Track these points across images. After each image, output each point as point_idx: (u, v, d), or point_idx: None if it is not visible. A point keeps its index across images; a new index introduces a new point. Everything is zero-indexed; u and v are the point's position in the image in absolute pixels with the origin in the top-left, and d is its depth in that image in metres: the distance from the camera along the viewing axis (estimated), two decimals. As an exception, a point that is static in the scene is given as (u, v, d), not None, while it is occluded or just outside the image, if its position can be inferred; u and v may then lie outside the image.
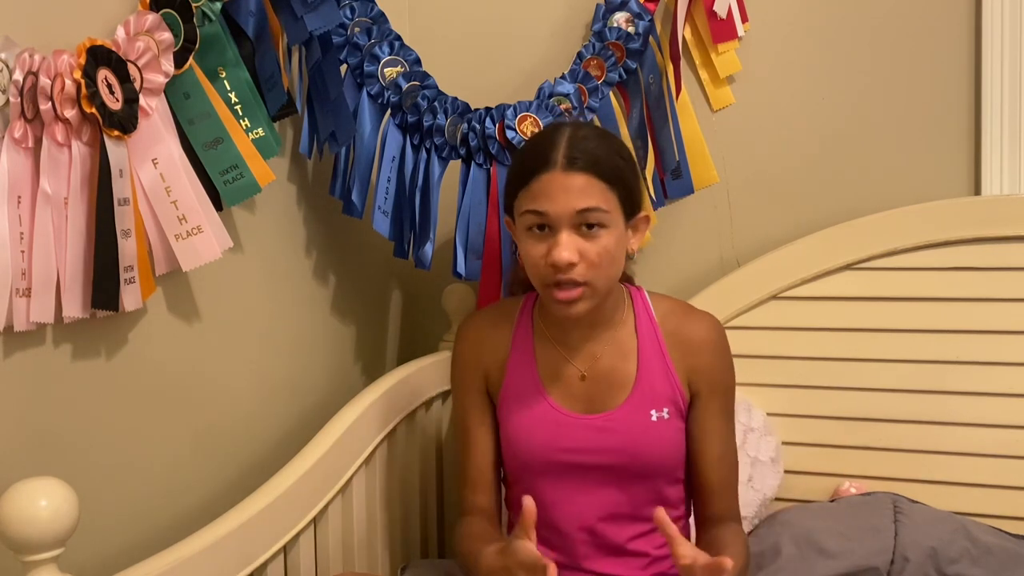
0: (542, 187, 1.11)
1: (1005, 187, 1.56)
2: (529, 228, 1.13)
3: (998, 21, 1.54)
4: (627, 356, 1.20)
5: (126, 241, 1.06)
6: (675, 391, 1.19)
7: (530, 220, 1.12)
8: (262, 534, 1.10)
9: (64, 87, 1.00)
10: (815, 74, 1.66)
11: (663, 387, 1.19)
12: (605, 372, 1.20)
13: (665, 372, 1.19)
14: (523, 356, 1.23)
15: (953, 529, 1.40)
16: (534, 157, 1.13)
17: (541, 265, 1.12)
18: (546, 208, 1.10)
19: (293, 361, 1.51)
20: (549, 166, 1.11)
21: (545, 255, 1.11)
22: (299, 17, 1.29)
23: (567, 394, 1.20)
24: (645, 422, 1.17)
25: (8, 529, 0.81)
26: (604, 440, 1.17)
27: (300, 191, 1.53)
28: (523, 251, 1.14)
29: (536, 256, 1.12)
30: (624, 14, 1.63)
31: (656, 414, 1.18)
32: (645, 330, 1.21)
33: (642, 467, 1.17)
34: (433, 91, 1.55)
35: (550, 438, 1.18)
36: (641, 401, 1.18)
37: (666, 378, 1.19)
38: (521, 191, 1.13)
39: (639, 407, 1.18)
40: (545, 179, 1.11)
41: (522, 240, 1.14)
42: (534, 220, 1.12)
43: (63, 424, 1.06)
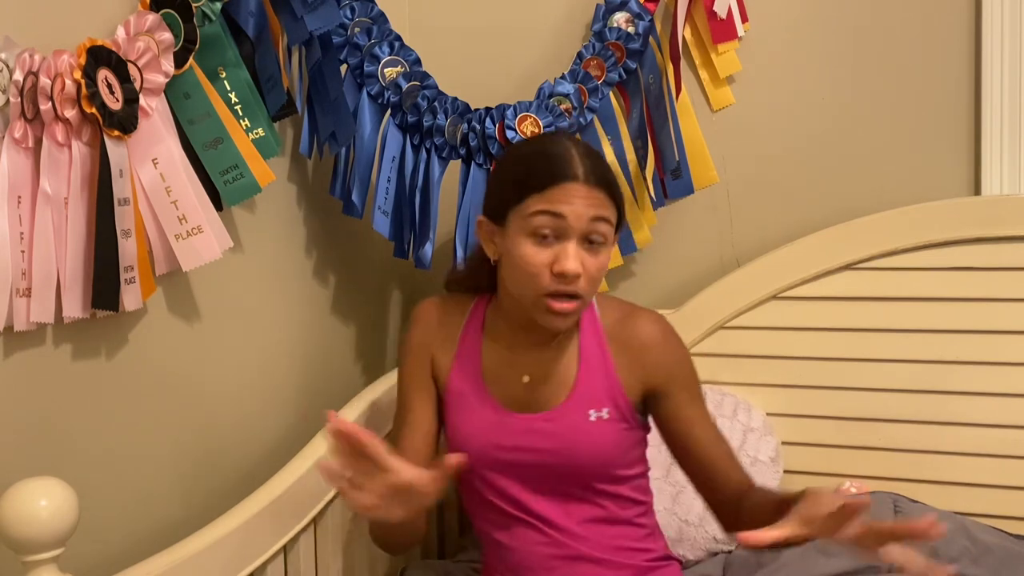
0: (563, 194, 1.09)
1: (1005, 187, 1.56)
2: (535, 232, 1.09)
3: (998, 21, 1.54)
4: (570, 359, 1.19)
5: (126, 241, 1.06)
6: (615, 392, 1.17)
7: (541, 222, 1.09)
8: (262, 534, 1.10)
9: (64, 87, 1.00)
10: (815, 74, 1.66)
11: (603, 387, 1.18)
12: (546, 375, 1.19)
13: (605, 373, 1.18)
14: (470, 354, 1.22)
15: (953, 529, 1.40)
16: (551, 167, 1.11)
17: (543, 273, 1.09)
18: (565, 212, 1.08)
19: (293, 361, 1.51)
20: (571, 177, 1.09)
21: (550, 263, 1.09)
22: (299, 17, 1.29)
23: (508, 394, 1.19)
24: (583, 422, 1.17)
25: (8, 529, 0.81)
26: (541, 439, 1.17)
27: (300, 191, 1.53)
28: (519, 255, 1.10)
29: (538, 263, 1.09)
30: (624, 14, 1.63)
31: (595, 414, 1.17)
32: (588, 333, 1.20)
33: (578, 466, 1.17)
34: (433, 91, 1.55)
35: (490, 436, 1.18)
36: (579, 401, 1.17)
37: (606, 379, 1.18)
38: (533, 195, 1.10)
39: (577, 407, 1.17)
40: (568, 187, 1.09)
41: (519, 244, 1.10)
42: (547, 222, 1.09)
43: (63, 424, 1.06)
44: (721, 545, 1.47)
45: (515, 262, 1.11)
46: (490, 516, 1.21)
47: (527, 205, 1.10)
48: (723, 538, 1.47)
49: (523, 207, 1.10)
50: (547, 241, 1.09)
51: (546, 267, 1.09)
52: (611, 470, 1.18)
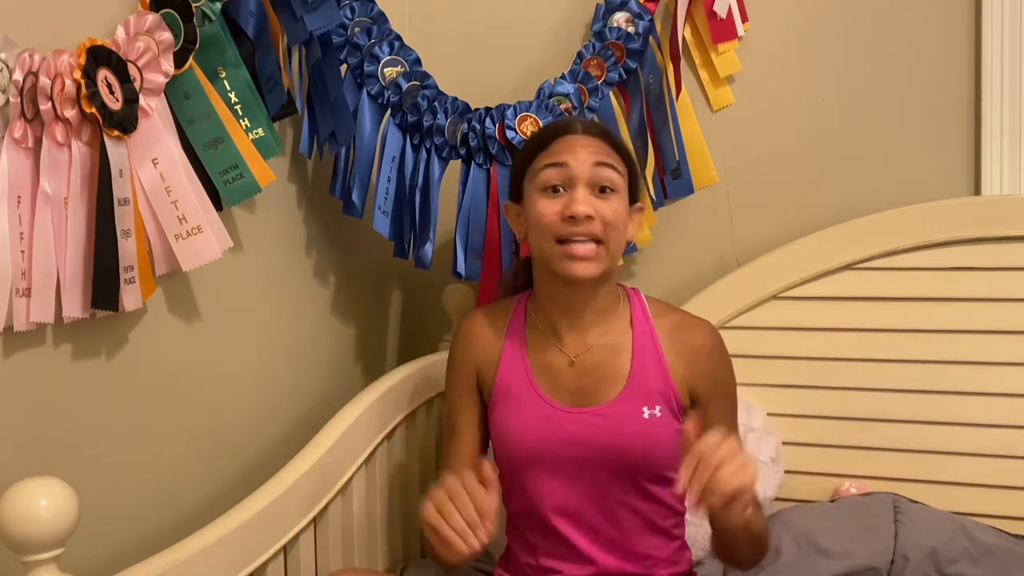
0: (563, 146, 1.16)
1: (1005, 187, 1.56)
2: (544, 188, 1.15)
3: (998, 21, 1.54)
4: (621, 351, 1.20)
5: (126, 241, 1.06)
6: (669, 390, 1.18)
7: (548, 175, 1.15)
8: (262, 534, 1.10)
9: (64, 87, 1.00)
10: (815, 74, 1.66)
11: (657, 385, 1.18)
12: (596, 363, 1.19)
13: (660, 370, 1.19)
14: (515, 351, 1.23)
15: (953, 529, 1.40)
16: (551, 128, 1.19)
17: (555, 221, 1.13)
18: (566, 159, 1.14)
19: (293, 361, 1.51)
20: (569, 131, 1.17)
21: (560, 211, 1.13)
22: (299, 17, 1.29)
23: (557, 386, 1.19)
24: (637, 418, 1.16)
25: (8, 529, 0.81)
26: (594, 433, 1.16)
27: (300, 191, 1.53)
28: (535, 213, 1.15)
29: (550, 213, 1.14)
30: (624, 14, 1.63)
31: (648, 411, 1.17)
32: (641, 327, 1.21)
33: (630, 463, 1.16)
34: (433, 91, 1.55)
35: (541, 432, 1.17)
36: (633, 397, 1.17)
37: (660, 376, 1.19)
38: (539, 154, 1.17)
39: (631, 403, 1.17)
40: (568, 139, 1.16)
41: (533, 203, 1.16)
42: (552, 175, 1.15)
43: (63, 424, 1.06)
44: (721, 545, 1.47)
45: (532, 221, 1.17)
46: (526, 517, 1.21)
47: (536, 164, 1.17)
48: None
49: (532, 168, 1.18)
50: (557, 193, 1.15)
51: (558, 215, 1.14)
52: (661, 470, 1.18)
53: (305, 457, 1.21)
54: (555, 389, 1.19)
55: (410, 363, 1.56)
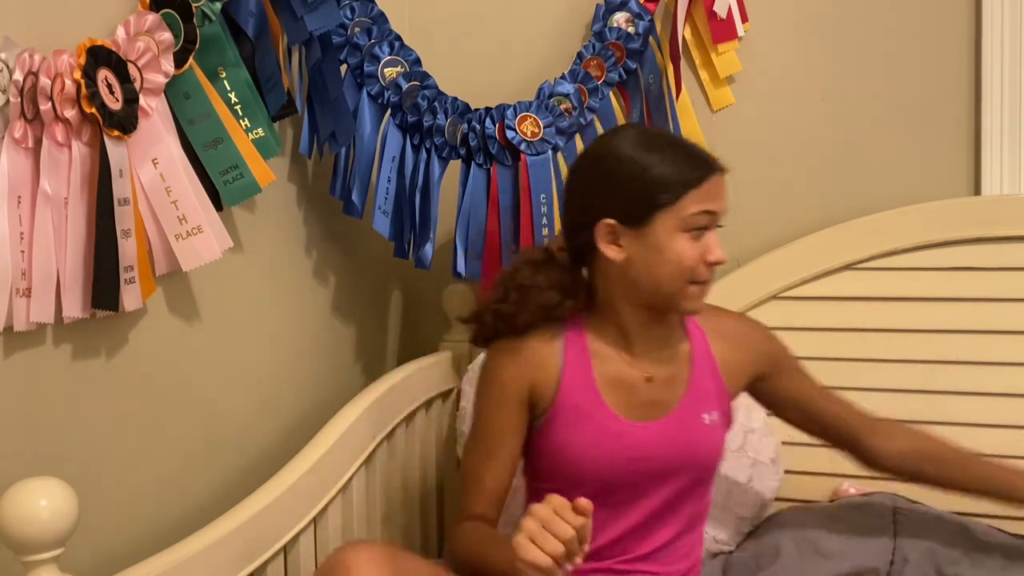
0: (713, 188, 1.12)
1: (1005, 187, 1.56)
2: (689, 230, 1.11)
3: (998, 21, 1.54)
4: (682, 358, 1.21)
5: (126, 241, 1.06)
6: (722, 393, 1.21)
7: (703, 220, 1.12)
8: (262, 534, 1.10)
9: (64, 87, 1.00)
10: (815, 74, 1.66)
11: (713, 389, 1.20)
12: (668, 375, 1.19)
13: (713, 374, 1.21)
14: (579, 370, 1.18)
15: (953, 530, 1.40)
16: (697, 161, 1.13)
17: (698, 265, 1.12)
18: (718, 208, 1.13)
19: (293, 361, 1.51)
20: (715, 169, 1.13)
21: (702, 255, 1.12)
22: (299, 17, 1.29)
23: (628, 401, 1.17)
24: (699, 425, 1.18)
25: (8, 529, 0.81)
26: (662, 446, 1.16)
27: (300, 191, 1.53)
28: (675, 252, 1.11)
29: (694, 256, 1.11)
30: (624, 14, 1.63)
31: (708, 417, 1.18)
32: (692, 330, 1.23)
33: (696, 471, 1.18)
34: (433, 91, 1.55)
35: (610, 447, 1.15)
36: (693, 404, 1.18)
37: (714, 380, 1.21)
38: (690, 192, 1.10)
39: (692, 410, 1.18)
40: (715, 180, 1.13)
41: (674, 241, 1.11)
42: (706, 221, 1.12)
43: (63, 424, 1.06)
44: (722, 546, 1.48)
45: (666, 258, 1.11)
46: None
47: (684, 205, 1.10)
48: (723, 539, 1.47)
49: (680, 207, 1.10)
50: (699, 234, 1.12)
51: (700, 259, 1.12)
52: (714, 474, 1.21)
53: (305, 457, 1.21)
54: (625, 405, 1.17)
55: (410, 363, 1.56)
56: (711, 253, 1.12)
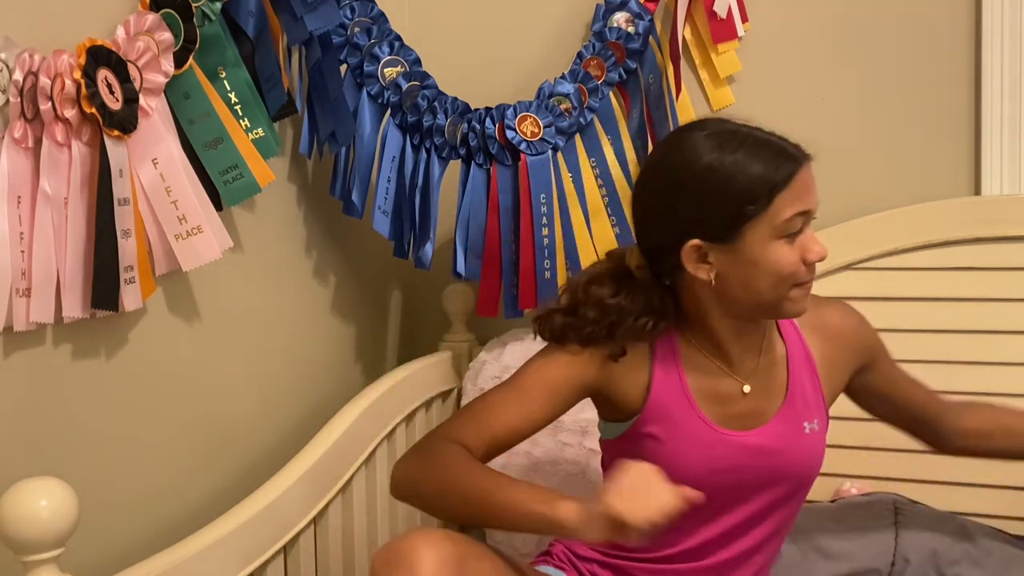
0: (803, 184, 1.02)
1: (1005, 187, 1.56)
2: (788, 233, 1.02)
3: (998, 21, 1.54)
4: (778, 363, 1.14)
5: (126, 241, 1.06)
6: (820, 400, 1.15)
7: (798, 224, 1.02)
8: (262, 534, 1.10)
9: (64, 87, 1.00)
10: (815, 74, 1.66)
11: (812, 395, 1.14)
12: (764, 384, 1.13)
13: (812, 380, 1.15)
14: (669, 378, 1.11)
15: (953, 530, 1.40)
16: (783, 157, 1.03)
17: (799, 269, 1.03)
18: (812, 205, 1.03)
19: (293, 361, 1.51)
20: (801, 161, 1.03)
21: (801, 256, 1.03)
22: (299, 17, 1.29)
23: (725, 412, 1.11)
24: (800, 435, 1.12)
25: (8, 529, 0.81)
26: (761, 458, 1.10)
27: (300, 191, 1.53)
28: (773, 260, 1.02)
29: (793, 260, 1.02)
30: (624, 14, 1.63)
31: (808, 426, 1.13)
32: (788, 332, 1.16)
33: (796, 482, 1.13)
34: (433, 91, 1.55)
35: (706, 459, 1.08)
36: (794, 412, 1.12)
37: (813, 386, 1.15)
38: (779, 195, 1.00)
39: (793, 418, 1.12)
40: (804, 174, 1.02)
41: (771, 250, 1.01)
42: (801, 223, 1.02)
43: (63, 424, 1.06)
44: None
45: (765, 270, 1.02)
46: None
47: (776, 211, 1.01)
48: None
49: (771, 214, 1.01)
50: (795, 237, 1.03)
51: (800, 262, 1.03)
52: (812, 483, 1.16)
53: (305, 457, 1.21)
54: (720, 415, 1.11)
55: (410, 363, 1.56)
56: (810, 252, 1.03)
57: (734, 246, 1.02)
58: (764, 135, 1.06)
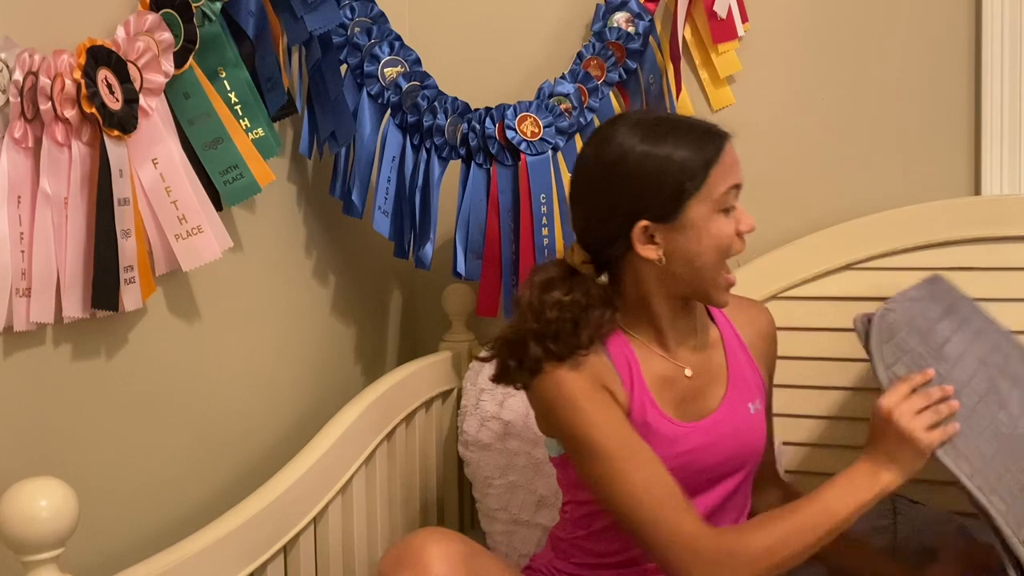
0: (730, 158, 1.10)
1: (1005, 187, 1.56)
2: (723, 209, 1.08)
3: (998, 21, 1.54)
4: (713, 345, 1.18)
5: (126, 241, 1.06)
6: (759, 381, 1.19)
7: (732, 197, 1.09)
8: (262, 534, 1.10)
9: (64, 87, 1.00)
10: (815, 74, 1.66)
11: (752, 376, 1.18)
12: (705, 366, 1.16)
13: (749, 363, 1.19)
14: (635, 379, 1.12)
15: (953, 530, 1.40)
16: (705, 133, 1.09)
17: (734, 240, 1.09)
18: (741, 179, 1.11)
19: (293, 361, 1.51)
20: (725, 136, 1.10)
21: (735, 230, 1.10)
22: (299, 17, 1.29)
23: (674, 400, 1.13)
24: (746, 416, 1.15)
25: (8, 529, 0.81)
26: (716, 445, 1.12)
27: (300, 191, 1.53)
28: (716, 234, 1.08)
29: (731, 233, 1.09)
30: (624, 14, 1.63)
31: (752, 407, 1.16)
32: (719, 319, 1.21)
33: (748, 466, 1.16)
34: (433, 91, 1.55)
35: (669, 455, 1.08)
36: (739, 394, 1.16)
37: (750, 366, 1.19)
38: (713, 169, 1.07)
39: (739, 401, 1.16)
40: (729, 149, 1.10)
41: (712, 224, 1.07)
42: (735, 196, 1.10)
43: (63, 424, 1.06)
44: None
45: (708, 242, 1.08)
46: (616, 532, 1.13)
47: (712, 185, 1.07)
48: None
49: (708, 188, 1.07)
50: (728, 215, 1.09)
51: (735, 233, 1.10)
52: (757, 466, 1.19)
53: (305, 457, 1.21)
54: (673, 405, 1.13)
55: (410, 363, 1.56)
56: (743, 223, 1.10)
57: (679, 223, 1.08)
58: (686, 119, 1.13)
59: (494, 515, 1.54)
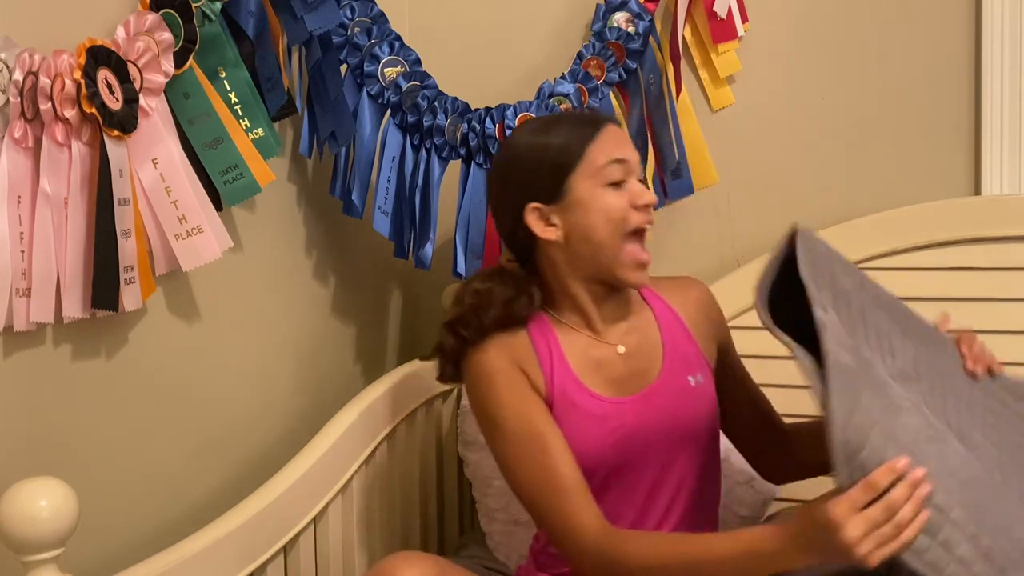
0: (611, 138, 1.15)
1: (1005, 187, 1.56)
2: (609, 182, 1.12)
3: (998, 21, 1.54)
4: (649, 326, 1.20)
5: (126, 241, 1.06)
6: (700, 355, 1.20)
7: (616, 170, 1.13)
8: (262, 534, 1.10)
9: (64, 87, 1.00)
10: (815, 74, 1.66)
11: (690, 350, 1.20)
12: (639, 345, 1.18)
13: (685, 335, 1.20)
14: (554, 359, 1.15)
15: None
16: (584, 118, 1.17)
17: (630, 213, 1.12)
18: (625, 155, 1.14)
19: (293, 361, 1.51)
20: (605, 120, 1.16)
21: (630, 202, 1.12)
22: (299, 17, 1.29)
23: (606, 379, 1.15)
24: (686, 389, 1.17)
25: (8, 529, 0.81)
26: (651, 417, 1.13)
27: (300, 191, 1.53)
28: (603, 207, 1.12)
29: (621, 204, 1.12)
30: (624, 14, 1.63)
31: (693, 379, 1.17)
32: (652, 299, 1.23)
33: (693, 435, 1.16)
34: (433, 91, 1.55)
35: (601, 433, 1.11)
36: (675, 368, 1.17)
37: (688, 341, 1.20)
38: (590, 145, 1.13)
39: (676, 375, 1.17)
40: (611, 130, 1.15)
41: (598, 198, 1.12)
42: (621, 171, 1.13)
43: (63, 424, 1.06)
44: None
45: (598, 216, 1.12)
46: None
47: (591, 159, 1.13)
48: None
49: (587, 162, 1.13)
50: (621, 185, 1.13)
51: (629, 207, 1.12)
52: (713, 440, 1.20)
53: (305, 457, 1.21)
54: (604, 382, 1.15)
55: (410, 363, 1.56)
56: (637, 197, 1.13)
57: (567, 202, 1.13)
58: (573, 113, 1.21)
59: (494, 515, 1.54)
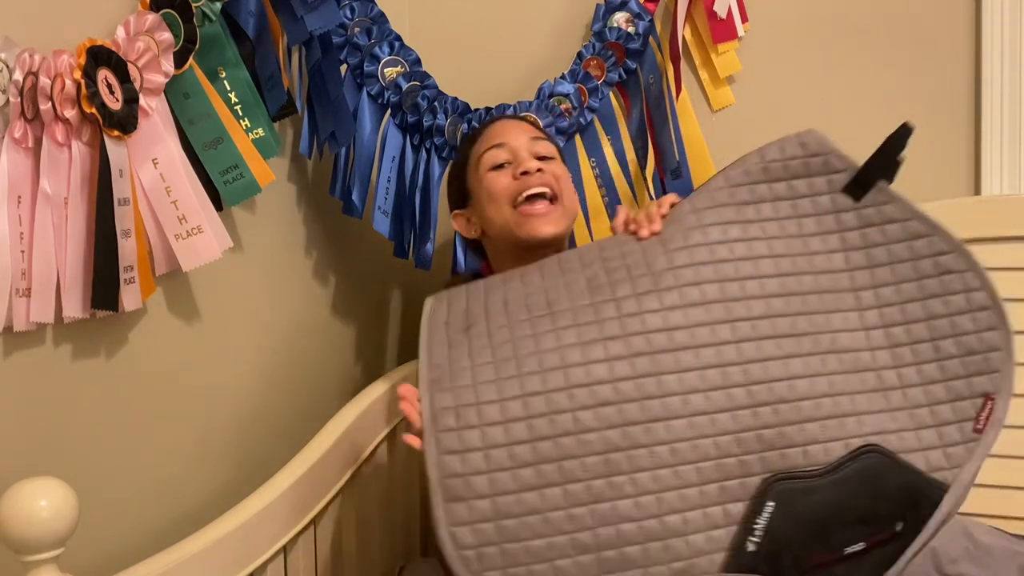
0: (494, 130, 1.30)
1: (1005, 187, 1.56)
2: (492, 168, 1.27)
3: (998, 21, 1.54)
4: None
5: (126, 241, 1.06)
6: None
7: (493, 156, 1.27)
8: (262, 534, 1.10)
9: (64, 87, 1.00)
10: (815, 74, 1.66)
11: None
12: None
13: None
14: None
15: (953, 529, 1.40)
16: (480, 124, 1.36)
17: (511, 186, 1.24)
18: (505, 140, 1.27)
19: (293, 361, 1.51)
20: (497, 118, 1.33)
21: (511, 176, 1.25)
22: (299, 17, 1.29)
23: None
24: None
25: (8, 529, 0.81)
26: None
27: (300, 191, 1.53)
28: (488, 188, 1.26)
29: (506, 182, 1.25)
30: (624, 14, 1.63)
31: None
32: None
33: None
34: (433, 91, 1.56)
35: None
36: None
37: None
38: (472, 147, 1.30)
39: None
40: (498, 124, 1.31)
41: (485, 182, 1.27)
42: (497, 154, 1.27)
43: (63, 424, 1.06)
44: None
45: (488, 198, 1.27)
46: None
47: (476, 153, 1.29)
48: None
49: (473, 161, 1.30)
50: (504, 168, 1.27)
51: (512, 180, 1.25)
52: None
53: (305, 457, 1.21)
54: None
55: (410, 363, 1.56)
56: (517, 168, 1.24)
57: (473, 202, 1.32)
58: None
59: (494, 515, 1.54)
